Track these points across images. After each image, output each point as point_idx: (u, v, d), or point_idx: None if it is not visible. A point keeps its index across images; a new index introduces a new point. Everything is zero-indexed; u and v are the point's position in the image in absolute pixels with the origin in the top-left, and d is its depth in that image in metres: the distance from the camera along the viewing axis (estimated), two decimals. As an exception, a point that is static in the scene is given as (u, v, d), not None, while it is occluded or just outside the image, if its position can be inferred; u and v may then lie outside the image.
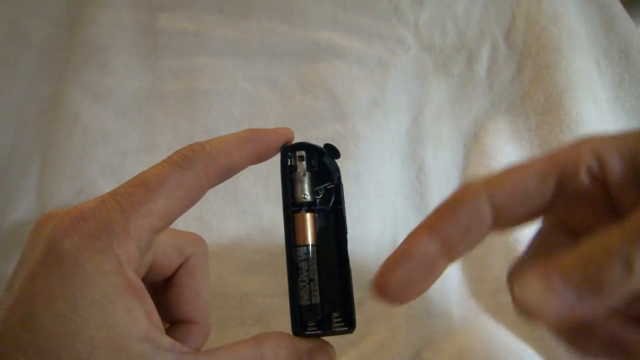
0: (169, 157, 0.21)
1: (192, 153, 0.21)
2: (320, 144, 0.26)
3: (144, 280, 0.22)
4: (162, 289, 0.25)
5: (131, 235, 0.19)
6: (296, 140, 0.25)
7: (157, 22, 0.49)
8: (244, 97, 0.46)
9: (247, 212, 0.41)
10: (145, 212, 0.19)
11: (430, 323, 0.37)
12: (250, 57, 0.48)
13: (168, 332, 0.25)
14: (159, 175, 0.20)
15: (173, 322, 0.26)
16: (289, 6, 0.50)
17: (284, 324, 0.37)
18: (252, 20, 0.49)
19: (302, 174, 0.25)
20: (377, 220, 0.40)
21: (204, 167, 0.21)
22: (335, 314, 0.24)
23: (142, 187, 0.20)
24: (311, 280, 0.24)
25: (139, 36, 0.48)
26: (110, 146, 0.43)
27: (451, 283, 0.40)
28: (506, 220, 0.19)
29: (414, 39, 0.49)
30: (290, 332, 0.23)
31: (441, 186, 0.43)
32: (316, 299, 0.24)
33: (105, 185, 0.41)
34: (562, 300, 0.15)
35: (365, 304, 0.37)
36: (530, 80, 0.46)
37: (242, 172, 0.43)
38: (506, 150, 0.43)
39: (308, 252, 0.24)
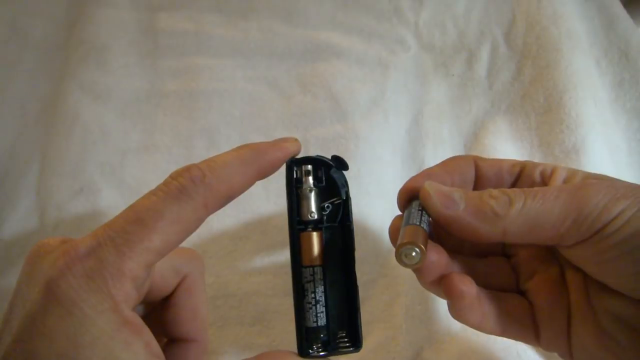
0: (166, 184, 0.20)
1: (191, 184, 0.20)
2: (328, 156, 0.24)
3: (142, 300, 0.22)
4: (161, 308, 0.25)
5: (126, 275, 0.19)
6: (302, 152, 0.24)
7: (157, 21, 0.49)
8: (244, 97, 0.46)
9: (247, 212, 0.41)
10: (141, 250, 0.19)
11: (430, 323, 0.37)
12: (250, 57, 0.48)
13: (167, 350, 0.25)
14: (155, 210, 0.19)
15: (172, 339, 0.26)
16: (289, 6, 0.50)
17: (284, 323, 0.37)
18: (252, 20, 0.49)
19: (308, 190, 0.24)
20: (377, 220, 0.40)
21: (203, 199, 0.20)
22: (341, 333, 0.24)
23: (137, 223, 0.19)
24: (318, 302, 0.23)
25: (138, 36, 0.48)
26: (110, 145, 0.43)
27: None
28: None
29: (414, 39, 0.49)
30: (294, 349, 0.23)
31: (441, 186, 0.43)
32: (322, 321, 0.23)
33: (105, 185, 0.41)
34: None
35: (365, 304, 0.37)
36: (530, 80, 0.46)
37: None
38: (506, 150, 0.43)
39: (314, 274, 0.23)
